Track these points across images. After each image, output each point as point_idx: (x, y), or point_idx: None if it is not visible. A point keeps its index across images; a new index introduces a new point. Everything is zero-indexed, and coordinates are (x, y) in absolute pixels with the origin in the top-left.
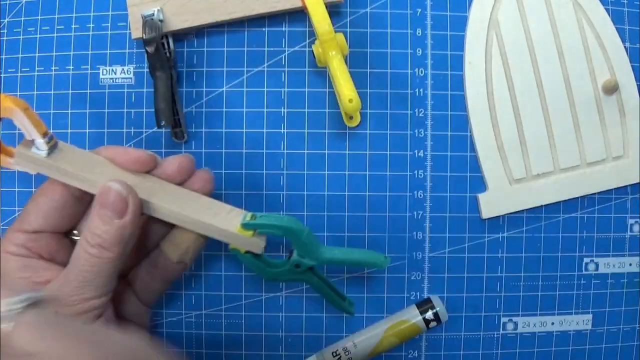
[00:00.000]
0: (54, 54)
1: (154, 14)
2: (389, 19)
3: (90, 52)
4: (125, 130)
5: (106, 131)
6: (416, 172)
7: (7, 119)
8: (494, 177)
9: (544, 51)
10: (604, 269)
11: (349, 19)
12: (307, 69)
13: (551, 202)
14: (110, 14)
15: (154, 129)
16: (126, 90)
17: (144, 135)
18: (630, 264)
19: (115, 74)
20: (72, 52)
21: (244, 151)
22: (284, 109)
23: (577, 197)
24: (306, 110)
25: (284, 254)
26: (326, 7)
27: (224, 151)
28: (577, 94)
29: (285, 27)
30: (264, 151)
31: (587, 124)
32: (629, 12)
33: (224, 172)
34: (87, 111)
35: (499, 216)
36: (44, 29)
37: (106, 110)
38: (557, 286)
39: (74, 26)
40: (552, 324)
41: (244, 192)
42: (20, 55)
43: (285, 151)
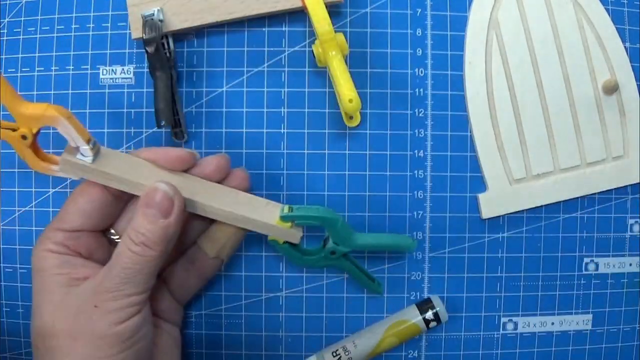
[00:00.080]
0: (54, 54)
1: (154, 14)
2: (389, 19)
3: (90, 52)
4: (125, 130)
5: (106, 131)
6: (416, 172)
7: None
8: (494, 177)
9: (544, 51)
10: (604, 269)
11: (349, 19)
12: (307, 69)
13: (551, 202)
14: (110, 14)
15: (154, 129)
16: (126, 90)
17: (144, 135)
18: (630, 264)
19: (115, 74)
20: (72, 52)
21: (244, 151)
22: (284, 109)
23: (577, 197)
24: (306, 110)
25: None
26: (326, 7)
27: (224, 151)
28: (577, 94)
29: (285, 27)
30: (264, 151)
31: (587, 124)
32: (629, 12)
33: None
34: (87, 111)
35: (499, 216)
36: (44, 29)
37: (106, 110)
38: (557, 286)
39: (74, 26)
40: (552, 324)
41: None
42: (20, 55)
43: (285, 151)
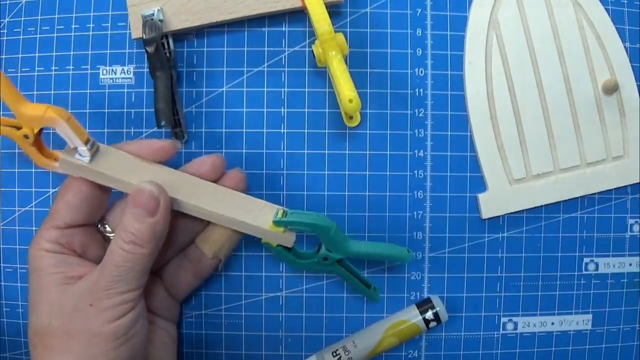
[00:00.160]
0: (54, 54)
1: (154, 14)
2: (389, 19)
3: (90, 52)
4: (125, 130)
5: (106, 131)
6: (416, 172)
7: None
8: (494, 177)
9: (544, 51)
10: (604, 269)
11: (349, 19)
12: (307, 69)
13: (551, 202)
14: (110, 14)
15: (154, 129)
16: (126, 90)
17: (144, 135)
18: (630, 264)
19: (115, 74)
20: (72, 52)
21: (244, 151)
22: (284, 109)
23: (577, 197)
24: (306, 110)
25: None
26: (326, 7)
27: (224, 151)
28: (577, 94)
29: (285, 27)
30: (264, 151)
31: (587, 124)
32: (629, 12)
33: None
34: (87, 111)
35: (499, 216)
36: (44, 29)
37: (106, 110)
38: (557, 286)
39: (74, 26)
40: (552, 324)
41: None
42: (20, 55)
43: (285, 151)
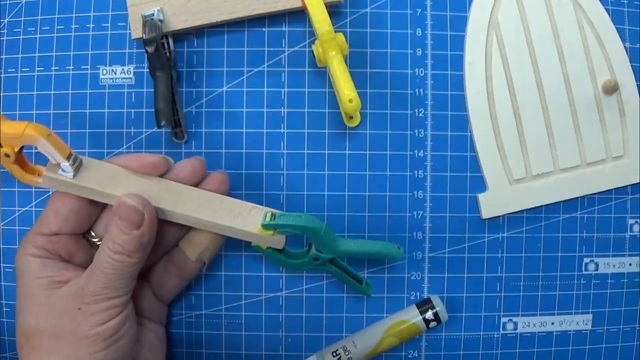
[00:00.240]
0: (54, 54)
1: (154, 14)
2: (389, 19)
3: (90, 52)
4: (125, 130)
5: (106, 131)
6: (416, 172)
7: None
8: (494, 177)
9: (544, 51)
10: (604, 269)
11: (349, 19)
12: (307, 69)
13: (551, 202)
14: (110, 14)
15: (154, 129)
16: (126, 90)
17: (144, 135)
18: (630, 264)
19: (115, 74)
20: (72, 52)
21: (244, 151)
22: (284, 109)
23: (577, 197)
24: (306, 110)
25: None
26: (326, 7)
27: (224, 151)
28: (577, 94)
29: (285, 27)
30: (264, 151)
31: (587, 124)
32: (629, 12)
33: None
34: (87, 111)
35: (499, 216)
36: (44, 29)
37: (106, 110)
38: (557, 286)
39: (74, 26)
40: (552, 324)
41: (244, 192)
42: (20, 55)
43: (285, 151)
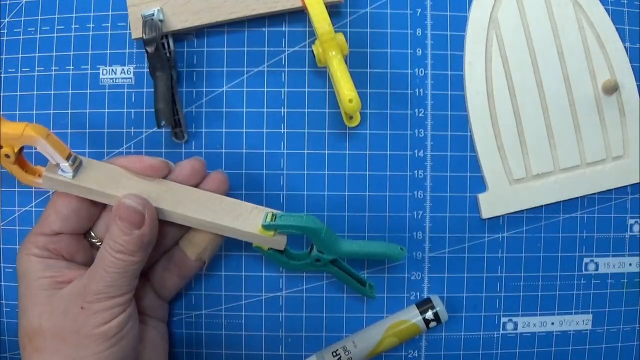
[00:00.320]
0: (54, 54)
1: (154, 14)
2: (389, 19)
3: (90, 52)
4: (125, 130)
5: (106, 131)
6: (416, 172)
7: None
8: (494, 177)
9: (544, 51)
10: (604, 269)
11: (349, 19)
12: (307, 69)
13: (551, 202)
14: (110, 14)
15: (154, 129)
16: (126, 90)
17: (144, 135)
18: (630, 264)
19: (115, 74)
20: (72, 52)
21: (244, 151)
22: (284, 109)
23: (577, 197)
24: (306, 110)
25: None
26: (326, 7)
27: (224, 151)
28: (577, 94)
29: (285, 27)
30: (264, 151)
31: (587, 124)
32: (629, 12)
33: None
34: (87, 111)
35: (499, 216)
36: (44, 29)
37: (106, 110)
38: (557, 286)
39: (74, 26)
40: (552, 324)
41: (244, 192)
42: (20, 55)
43: (285, 151)
